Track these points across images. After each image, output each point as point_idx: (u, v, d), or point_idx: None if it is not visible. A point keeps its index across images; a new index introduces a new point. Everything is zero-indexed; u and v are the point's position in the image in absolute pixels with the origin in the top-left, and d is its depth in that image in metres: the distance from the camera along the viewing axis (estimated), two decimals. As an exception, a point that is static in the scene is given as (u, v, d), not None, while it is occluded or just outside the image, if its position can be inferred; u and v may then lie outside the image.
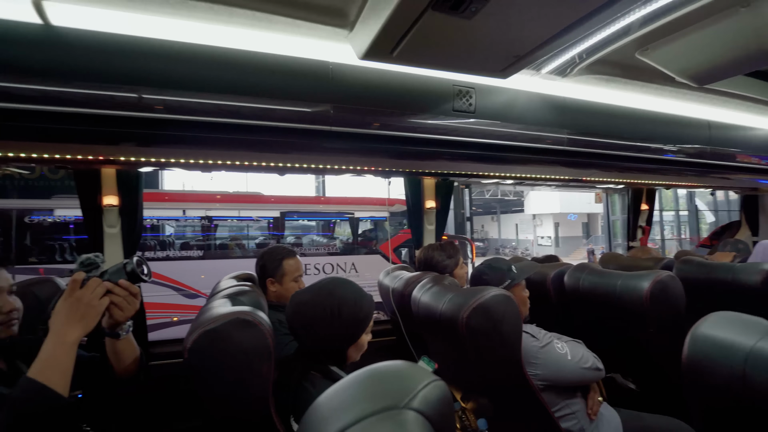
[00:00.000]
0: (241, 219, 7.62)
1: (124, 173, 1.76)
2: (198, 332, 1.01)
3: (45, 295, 1.58)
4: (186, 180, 7.80)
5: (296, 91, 1.43)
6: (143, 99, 1.37)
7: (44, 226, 6.75)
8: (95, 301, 1.08)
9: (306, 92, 1.45)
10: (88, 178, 1.72)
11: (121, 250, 1.82)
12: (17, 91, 1.20)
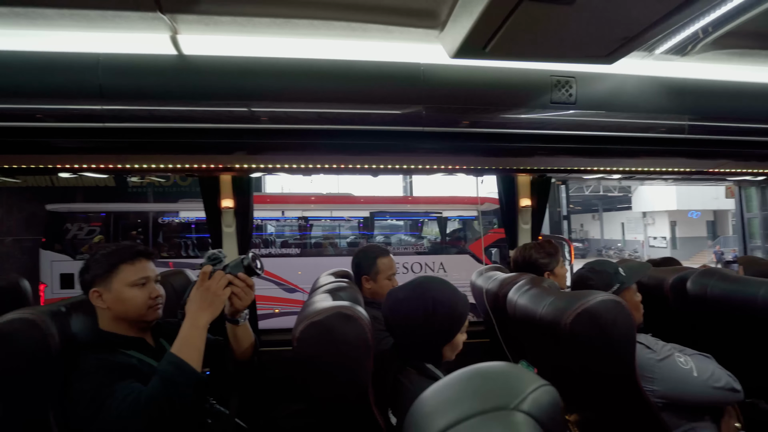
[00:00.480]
0: (333, 219, 8.04)
1: (238, 179, 1.99)
2: (305, 323, 1.10)
3: (178, 285, 1.84)
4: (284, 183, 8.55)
5: (389, 94, 1.48)
6: (254, 112, 1.52)
7: (172, 225, 7.87)
8: (220, 291, 1.23)
9: (399, 95, 1.49)
10: (210, 183, 1.98)
11: (236, 247, 2.06)
12: (158, 113, 1.43)
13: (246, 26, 1.32)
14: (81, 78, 1.36)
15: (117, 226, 7.66)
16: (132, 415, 1.05)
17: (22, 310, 1.15)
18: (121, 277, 1.26)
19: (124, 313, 1.27)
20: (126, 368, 1.19)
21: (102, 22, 1.29)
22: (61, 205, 7.73)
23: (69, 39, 1.37)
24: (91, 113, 1.37)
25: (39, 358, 1.09)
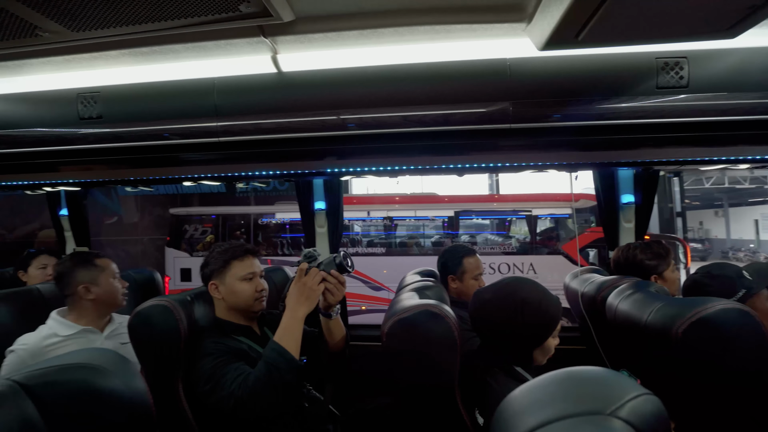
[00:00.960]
0: (417, 219, 8.09)
1: (329, 182, 2.12)
2: (393, 320, 1.15)
3: (278, 280, 2.03)
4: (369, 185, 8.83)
5: (474, 92, 1.47)
6: (344, 119, 1.62)
7: (270, 226, 8.59)
8: (315, 286, 1.34)
9: (484, 92, 1.47)
10: (305, 187, 2.14)
11: (327, 246, 2.20)
12: (262, 125, 1.59)
13: (336, 40, 1.41)
14: (200, 100, 1.58)
15: (225, 226, 8.60)
16: (241, 393, 1.20)
17: (158, 298, 1.36)
18: (233, 272, 1.43)
19: (235, 304, 1.44)
20: (237, 352, 1.35)
21: (216, 51, 1.48)
22: (181, 209, 8.93)
23: (190, 68, 1.60)
24: (208, 130, 1.58)
25: (172, 338, 1.29)
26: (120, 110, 1.63)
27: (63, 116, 1.70)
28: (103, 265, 1.65)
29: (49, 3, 1.20)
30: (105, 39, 1.41)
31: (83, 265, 1.61)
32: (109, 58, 1.53)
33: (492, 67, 1.47)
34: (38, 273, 2.31)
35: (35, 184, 2.45)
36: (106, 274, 1.64)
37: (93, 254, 1.68)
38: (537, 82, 1.49)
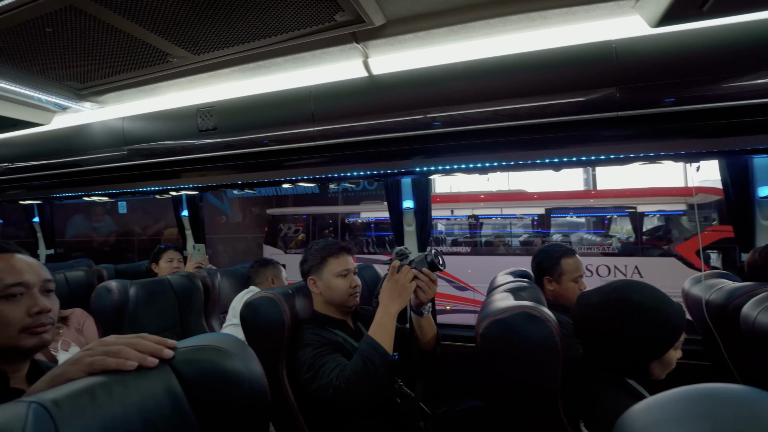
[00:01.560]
0: (504, 217, 7.76)
1: (417, 181, 2.14)
2: (489, 320, 1.12)
3: (369, 277, 2.10)
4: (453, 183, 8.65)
5: (575, 80, 1.37)
6: (432, 117, 1.62)
7: (356, 225, 8.91)
8: (407, 284, 1.36)
9: (586, 79, 1.35)
10: (394, 186, 2.19)
11: (416, 244, 2.22)
12: (354, 128, 1.66)
13: (426, 39, 1.41)
14: (298, 108, 1.70)
15: (314, 225, 9.12)
16: (339, 383, 1.26)
17: (265, 291, 1.49)
18: (329, 269, 1.51)
19: (331, 298, 1.52)
20: (334, 344, 1.42)
21: (312, 61, 1.58)
22: (276, 210, 9.66)
23: (289, 79, 1.73)
24: (305, 135, 1.69)
25: (277, 326, 1.40)
26: (231, 121, 1.82)
27: (185, 129, 1.95)
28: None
29: (179, 32, 1.38)
30: (220, 59, 1.58)
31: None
32: (223, 75, 1.72)
33: (595, 51, 1.35)
34: (167, 266, 2.68)
35: (163, 190, 2.85)
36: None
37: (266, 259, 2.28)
38: (648, 63, 1.33)
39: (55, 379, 0.68)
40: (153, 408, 0.66)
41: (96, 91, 1.94)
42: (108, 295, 1.89)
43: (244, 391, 0.77)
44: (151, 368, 0.69)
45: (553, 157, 1.61)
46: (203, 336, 0.83)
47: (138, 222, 10.12)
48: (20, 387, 0.93)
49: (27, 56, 1.56)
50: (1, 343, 0.88)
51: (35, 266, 0.95)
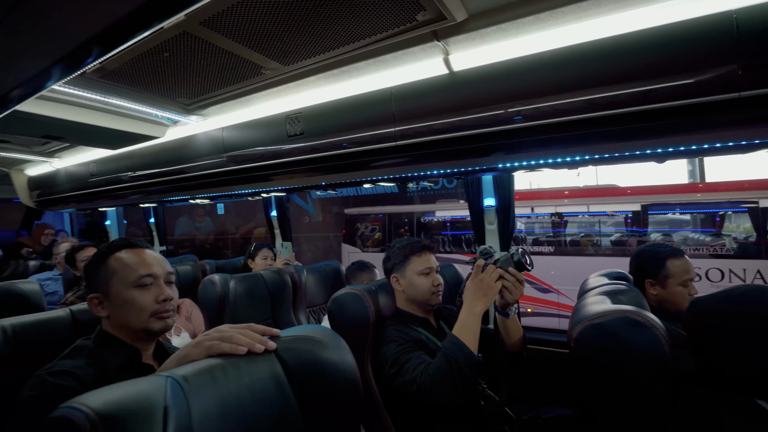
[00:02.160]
0: (592, 214, 7.17)
1: (499, 177, 2.07)
2: (584, 324, 1.05)
3: (449, 276, 2.08)
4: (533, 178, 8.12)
5: (684, 60, 1.22)
6: (517, 111, 1.55)
7: (432, 224, 8.86)
8: (492, 283, 1.32)
9: (698, 59, 1.20)
10: (474, 184, 2.14)
11: (498, 243, 2.15)
12: (435, 126, 1.66)
13: (509, 30, 1.37)
14: (380, 109, 1.74)
15: (391, 224, 9.25)
16: (423, 380, 1.26)
17: (350, 287, 1.55)
18: (412, 266, 1.53)
19: (414, 296, 1.53)
20: (417, 341, 1.44)
21: (393, 62, 1.61)
22: (354, 209, 9.97)
23: (371, 81, 1.78)
24: (386, 135, 1.73)
25: (363, 321, 1.45)
26: (317, 126, 1.92)
27: (275, 135, 2.10)
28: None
29: (271, 46, 1.49)
30: (307, 68, 1.68)
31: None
32: (309, 83, 1.82)
33: (710, 24, 1.19)
34: (261, 262, 2.92)
35: (255, 192, 3.10)
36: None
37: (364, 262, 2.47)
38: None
39: (181, 360, 0.78)
40: (261, 389, 0.73)
41: (201, 105, 2.17)
42: (212, 288, 2.11)
43: (339, 382, 0.81)
44: (258, 354, 0.76)
45: (656, 148, 1.45)
46: (302, 327, 0.89)
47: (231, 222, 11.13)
48: (149, 363, 1.08)
49: (149, 79, 1.80)
50: (135, 325, 1.02)
51: (161, 260, 1.10)
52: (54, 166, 3.78)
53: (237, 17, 1.31)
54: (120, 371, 0.99)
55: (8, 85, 0.96)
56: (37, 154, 3.47)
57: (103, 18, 0.69)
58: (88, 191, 3.59)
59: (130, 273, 1.03)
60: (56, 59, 0.89)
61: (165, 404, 0.56)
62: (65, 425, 0.50)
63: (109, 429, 0.49)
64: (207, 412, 0.62)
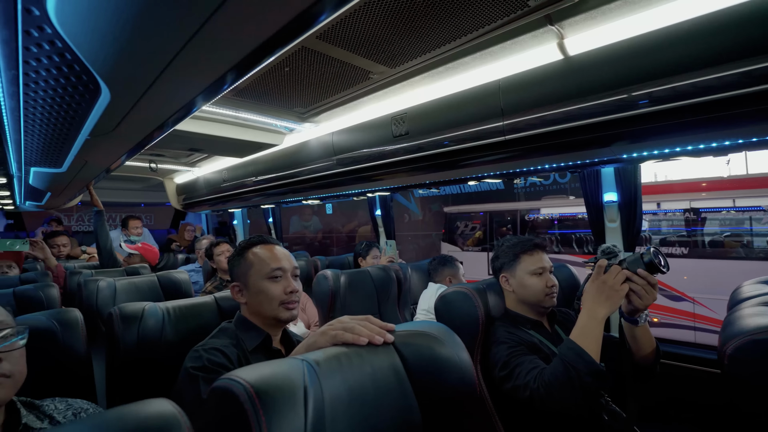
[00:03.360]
0: (740, 210, 6.00)
1: (622, 169, 1.86)
2: (742, 340, 0.89)
3: (563, 277, 1.93)
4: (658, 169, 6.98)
5: None
6: (638, 95, 1.38)
7: (537, 222, 8.34)
8: (618, 286, 1.20)
9: None
10: (591, 177, 1.96)
11: (621, 243, 1.94)
12: (547, 117, 1.55)
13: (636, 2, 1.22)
14: (486, 103, 1.68)
15: (492, 222, 8.92)
16: (537, 386, 1.19)
17: (458, 285, 1.53)
18: (523, 266, 1.46)
19: (525, 297, 1.46)
20: (530, 345, 1.36)
21: (501, 53, 1.55)
22: (453, 207, 9.85)
23: (476, 76, 1.74)
24: (494, 130, 1.67)
25: (471, 321, 1.42)
26: (422, 125, 1.94)
27: (381, 137, 2.18)
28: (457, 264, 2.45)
29: (379, 50, 1.55)
30: (413, 68, 1.71)
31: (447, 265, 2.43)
32: (414, 83, 1.85)
33: None
34: (372, 261, 3.06)
35: (361, 192, 3.25)
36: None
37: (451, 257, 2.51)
38: None
39: (309, 346, 0.86)
40: (381, 379, 0.76)
41: (314, 113, 2.35)
42: (325, 282, 2.27)
43: (455, 378, 0.81)
44: (378, 345, 0.80)
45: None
46: (416, 323, 0.92)
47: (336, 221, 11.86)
48: (278, 347, 1.20)
49: (271, 93, 2.01)
50: (267, 313, 1.15)
51: (289, 256, 1.22)
52: (195, 174, 4.44)
53: (348, 27, 1.39)
54: (254, 352, 1.13)
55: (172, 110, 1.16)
56: (183, 164, 4.10)
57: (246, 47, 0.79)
58: (221, 195, 4.14)
59: (264, 266, 1.16)
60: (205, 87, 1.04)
61: (304, 384, 0.63)
62: (226, 394, 0.59)
63: (262, 400, 0.57)
64: (336, 395, 0.67)
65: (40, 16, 0.62)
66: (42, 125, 1.28)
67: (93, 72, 0.83)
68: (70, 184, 2.80)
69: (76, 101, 1.03)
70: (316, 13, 0.71)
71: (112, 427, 0.48)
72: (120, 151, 1.74)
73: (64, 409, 0.93)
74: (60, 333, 1.17)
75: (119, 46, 0.70)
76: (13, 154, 1.83)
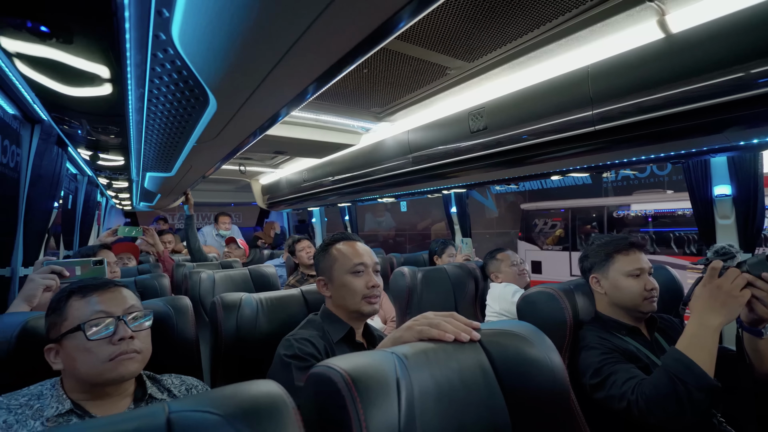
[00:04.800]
0: None
1: (738, 159, 1.63)
2: None
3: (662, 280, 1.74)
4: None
5: None
6: (755, 74, 1.20)
7: (628, 219, 7.62)
8: (735, 291, 1.06)
9: None
10: (698, 168, 1.74)
11: (736, 243, 1.70)
12: (645, 103, 1.41)
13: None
14: (572, 92, 1.58)
15: (574, 220, 8.33)
16: (636, 398, 1.10)
17: (543, 286, 1.46)
18: (617, 267, 1.35)
19: (620, 301, 1.35)
20: (626, 352, 1.26)
21: (590, 37, 1.45)
22: (531, 204, 9.38)
23: (561, 63, 1.63)
24: (581, 120, 1.56)
25: (557, 324, 1.35)
26: (501, 119, 1.88)
27: (458, 133, 2.15)
28: (502, 258, 2.32)
29: (456, 45, 1.53)
30: (491, 61, 1.66)
31: (490, 259, 2.39)
32: (492, 76, 1.80)
33: None
34: (448, 259, 3.05)
35: (436, 189, 3.24)
36: (505, 263, 2.31)
37: (496, 250, 2.41)
38: None
39: (396, 341, 0.88)
40: (468, 376, 0.76)
41: (389, 112, 2.39)
42: (402, 279, 2.30)
43: (546, 381, 0.78)
44: (464, 342, 0.80)
45: None
46: (502, 322, 0.90)
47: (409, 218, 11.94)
48: (360, 341, 1.25)
49: (350, 94, 2.08)
50: (350, 307, 1.20)
51: (370, 252, 1.26)
52: (278, 175, 4.75)
53: (425, 24, 1.39)
54: (339, 344, 1.18)
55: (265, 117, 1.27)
56: (268, 166, 4.41)
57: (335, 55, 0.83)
58: (301, 194, 4.38)
59: (347, 261, 1.21)
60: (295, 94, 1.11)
61: (396, 376, 0.64)
62: (325, 380, 0.63)
63: (358, 388, 0.60)
64: (425, 389, 0.68)
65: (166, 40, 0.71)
66: (159, 135, 1.47)
67: (204, 85, 0.94)
68: (176, 187, 3.15)
69: (188, 112, 1.17)
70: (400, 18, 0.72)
71: (230, 401, 0.54)
72: (218, 155, 1.92)
73: (179, 384, 1.05)
74: (174, 317, 1.33)
75: (228, 60, 0.78)
76: (134, 161, 2.11)
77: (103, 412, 0.89)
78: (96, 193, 4.18)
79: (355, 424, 0.58)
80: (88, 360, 0.86)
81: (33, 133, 1.86)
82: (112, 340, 0.88)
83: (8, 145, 1.73)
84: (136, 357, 0.91)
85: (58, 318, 0.90)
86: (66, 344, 0.88)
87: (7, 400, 0.84)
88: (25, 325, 1.03)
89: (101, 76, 0.92)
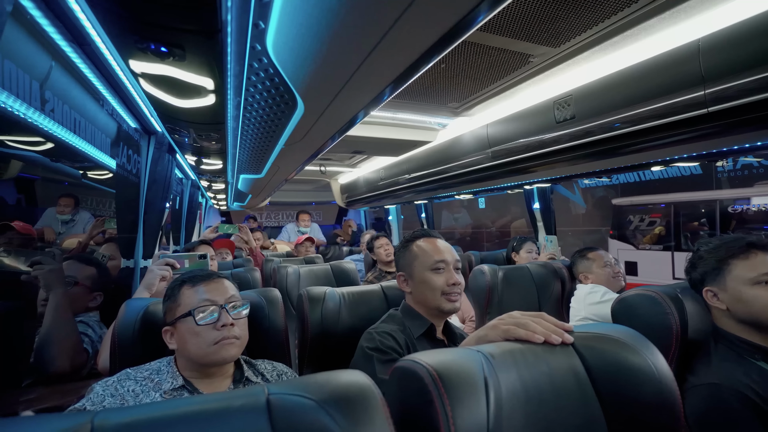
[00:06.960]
0: None
1: None
2: None
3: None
4: None
5: None
6: None
7: (748, 215, 6.60)
8: None
9: None
10: None
11: None
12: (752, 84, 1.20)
13: None
14: (679, 71, 1.40)
15: (678, 216, 7.41)
16: None
17: (644, 288, 1.30)
18: (736, 275, 1.15)
19: (747, 316, 1.14)
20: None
21: (699, 7, 1.27)
22: (624, 199, 8.54)
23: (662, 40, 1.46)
24: (690, 102, 1.38)
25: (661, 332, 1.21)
26: (591, 106, 1.73)
27: (541, 124, 2.02)
28: (594, 257, 2.13)
29: (540, 30, 1.44)
30: (579, 44, 1.54)
31: (580, 258, 2.18)
32: (580, 61, 1.67)
33: None
34: (526, 255, 2.91)
35: (517, 185, 3.09)
36: (597, 264, 2.11)
37: (587, 249, 2.20)
38: None
39: (480, 339, 0.86)
40: (559, 381, 0.71)
41: (467, 106, 2.33)
42: (482, 277, 2.24)
43: (652, 394, 0.70)
44: (555, 345, 0.75)
45: None
46: (595, 325, 0.83)
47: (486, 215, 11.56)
48: (440, 338, 1.24)
49: (426, 91, 2.07)
50: (430, 303, 1.19)
51: (450, 249, 1.24)
52: (356, 175, 4.89)
53: (507, 11, 1.33)
54: (420, 340, 1.18)
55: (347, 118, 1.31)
56: (346, 165, 4.57)
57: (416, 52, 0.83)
58: (378, 192, 4.46)
59: (428, 258, 1.21)
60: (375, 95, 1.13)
61: (484, 375, 0.63)
62: (410, 373, 0.63)
63: (445, 384, 0.59)
64: (513, 390, 0.66)
65: (261, 50, 0.77)
66: (252, 139, 1.60)
67: (293, 89, 1.00)
68: (265, 188, 3.41)
69: (278, 116, 1.26)
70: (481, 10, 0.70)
71: (323, 388, 0.57)
72: (303, 157, 2.03)
73: (271, 369, 1.13)
74: (266, 307, 1.43)
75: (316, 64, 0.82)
76: (230, 164, 2.33)
77: (209, 390, 1.00)
78: (198, 195, 4.69)
79: (443, 421, 0.57)
80: (197, 342, 0.97)
81: (150, 143, 2.14)
82: (216, 326, 0.98)
83: (131, 155, 2.01)
84: (236, 342, 1.01)
85: (173, 304, 1.03)
86: (179, 327, 1.00)
87: (134, 373, 0.98)
88: (146, 309, 1.19)
89: (206, 87, 1.03)
